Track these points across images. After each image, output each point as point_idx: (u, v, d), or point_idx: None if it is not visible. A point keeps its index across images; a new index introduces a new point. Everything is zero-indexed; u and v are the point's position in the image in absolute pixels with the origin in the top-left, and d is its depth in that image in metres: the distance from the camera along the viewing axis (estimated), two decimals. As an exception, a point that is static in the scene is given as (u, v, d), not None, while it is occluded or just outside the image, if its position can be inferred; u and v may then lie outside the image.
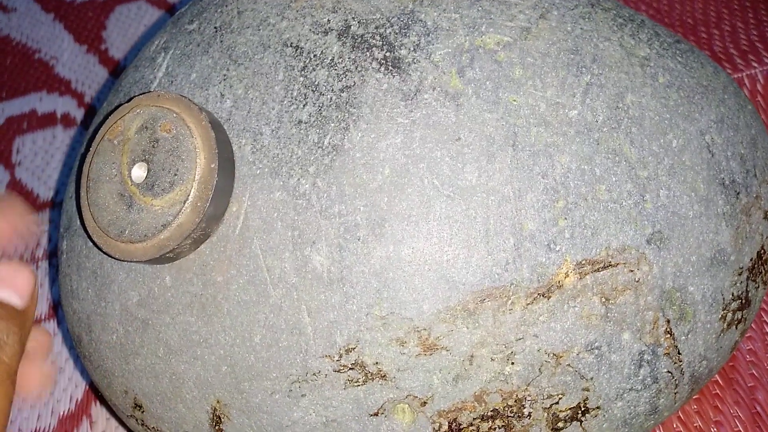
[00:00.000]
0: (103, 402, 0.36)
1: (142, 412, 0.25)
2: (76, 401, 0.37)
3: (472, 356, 0.21)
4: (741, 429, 0.31)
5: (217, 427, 0.23)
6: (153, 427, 0.25)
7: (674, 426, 0.31)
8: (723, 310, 0.24)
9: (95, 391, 0.37)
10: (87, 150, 0.24)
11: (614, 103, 0.23)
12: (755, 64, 0.42)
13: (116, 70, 0.51)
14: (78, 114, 0.49)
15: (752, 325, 0.34)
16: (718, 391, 0.32)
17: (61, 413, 0.37)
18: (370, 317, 0.21)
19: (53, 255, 0.42)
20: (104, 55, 0.52)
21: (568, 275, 0.21)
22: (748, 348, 0.33)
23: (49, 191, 0.46)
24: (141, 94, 0.23)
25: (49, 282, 0.41)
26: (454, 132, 0.21)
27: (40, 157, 0.48)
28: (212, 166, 0.21)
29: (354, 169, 0.21)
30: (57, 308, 0.40)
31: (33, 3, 0.57)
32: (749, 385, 0.32)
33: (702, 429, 0.31)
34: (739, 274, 0.24)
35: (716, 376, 0.32)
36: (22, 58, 0.54)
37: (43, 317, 0.40)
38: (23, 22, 0.56)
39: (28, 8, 0.57)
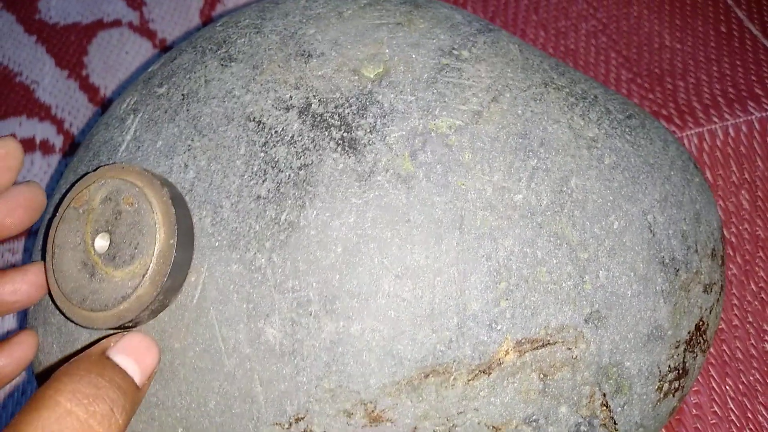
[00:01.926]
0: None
1: (102, 464, 0.26)
2: None
3: (415, 428, 0.22)
4: (682, 482, 0.32)
5: (172, 485, 0.24)
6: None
7: (620, 477, 0.33)
8: (660, 382, 0.25)
9: None
10: (54, 214, 0.25)
11: (558, 186, 0.24)
12: (716, 120, 0.44)
13: (96, 97, 0.52)
14: (57, 141, 0.50)
15: (699, 378, 0.35)
16: (663, 444, 0.33)
17: None
18: (319, 389, 0.22)
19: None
20: (85, 81, 0.53)
21: (508, 353, 0.22)
22: (694, 402, 0.35)
23: (24, 219, 0.46)
24: (106, 165, 0.23)
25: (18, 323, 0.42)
26: (404, 214, 0.22)
27: (17, 183, 0.48)
28: (171, 241, 0.22)
29: (308, 246, 0.22)
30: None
31: (16, 24, 0.58)
32: (693, 438, 0.33)
33: (646, 481, 0.32)
34: (676, 347, 0.26)
35: (662, 430, 0.34)
36: (2, 81, 0.54)
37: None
38: (5, 44, 0.57)
39: (11, 29, 0.58)
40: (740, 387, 0.35)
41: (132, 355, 0.20)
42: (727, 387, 0.35)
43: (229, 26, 0.28)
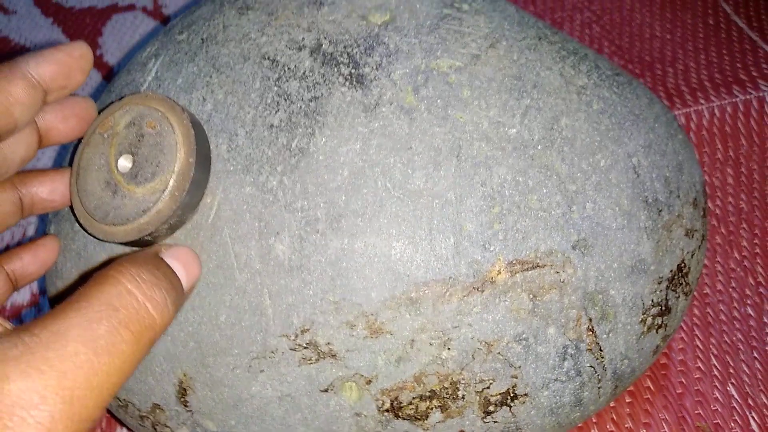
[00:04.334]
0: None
1: (114, 384, 0.27)
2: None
3: (413, 340, 0.24)
4: (666, 430, 0.33)
5: (182, 399, 0.26)
6: (124, 399, 0.27)
7: (608, 427, 0.34)
8: (643, 314, 0.27)
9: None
10: (79, 142, 0.26)
11: (549, 124, 0.26)
12: (702, 101, 0.46)
13: (109, 74, 0.54)
14: (70, 114, 0.52)
15: (683, 336, 0.37)
16: (649, 396, 0.35)
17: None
18: (324, 302, 0.24)
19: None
20: (99, 60, 0.55)
21: (500, 272, 0.24)
22: (679, 359, 0.36)
23: (37, 185, 0.48)
24: (132, 94, 0.25)
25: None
26: (407, 142, 0.24)
27: (31, 163, 0.50)
28: (190, 160, 0.23)
29: (317, 170, 0.24)
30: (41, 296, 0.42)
31: (33, 7, 0.60)
32: (678, 392, 0.35)
33: (633, 429, 0.34)
34: (659, 283, 0.27)
35: (648, 382, 0.35)
36: (18, 59, 0.56)
37: (25, 304, 0.42)
38: (23, 25, 0.59)
39: (29, 11, 0.60)
40: (723, 346, 0.36)
41: (181, 262, 0.21)
42: (711, 346, 0.36)
43: (246, -18, 0.30)
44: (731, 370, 0.35)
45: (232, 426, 0.26)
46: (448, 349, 0.24)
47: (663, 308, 0.28)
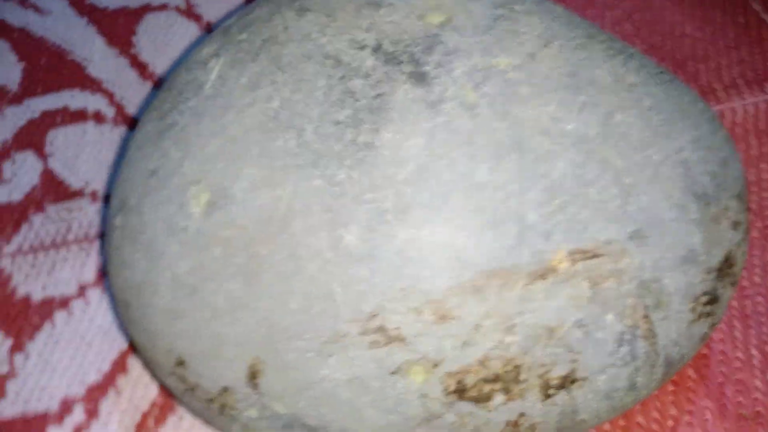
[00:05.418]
0: (147, 366, 0.39)
1: (185, 368, 0.28)
2: (104, 373, 0.40)
3: (478, 326, 0.25)
4: (710, 418, 0.34)
5: (253, 382, 0.27)
6: (193, 383, 0.29)
7: (652, 415, 0.35)
8: (693, 303, 0.28)
9: (134, 350, 0.40)
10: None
11: (604, 119, 0.27)
12: (735, 99, 0.47)
13: (145, 72, 0.55)
14: (109, 112, 0.53)
15: (722, 327, 0.38)
16: (691, 385, 0.36)
17: (90, 383, 0.40)
18: (392, 289, 0.25)
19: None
20: (134, 59, 0.56)
21: (561, 261, 0.25)
22: (719, 349, 0.37)
23: (79, 181, 0.49)
24: None
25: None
26: (469, 137, 0.25)
27: (72, 149, 0.51)
28: None
29: (383, 164, 0.25)
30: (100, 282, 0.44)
31: (68, 7, 0.61)
32: (719, 381, 0.36)
33: (677, 416, 0.35)
34: (708, 273, 0.28)
35: (691, 371, 0.36)
36: (55, 58, 0.57)
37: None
38: (58, 24, 0.60)
39: (63, 12, 0.61)
40: (762, 336, 0.37)
41: None
42: (750, 336, 0.37)
43: (302, -17, 0.31)
44: (769, 359, 0.36)
45: (300, 408, 0.27)
46: (512, 334, 0.25)
47: (711, 297, 0.29)
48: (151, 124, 0.30)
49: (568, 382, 0.26)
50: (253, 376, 0.27)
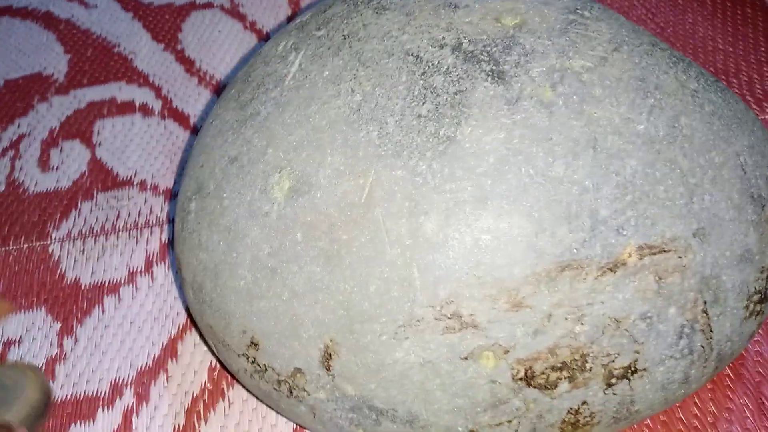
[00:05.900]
0: (215, 348, 0.40)
1: (257, 350, 0.29)
2: (154, 357, 0.41)
3: (550, 315, 0.26)
4: (748, 415, 0.36)
5: (326, 363, 0.28)
6: (264, 364, 0.30)
7: (691, 411, 0.36)
8: (747, 300, 0.29)
9: (200, 332, 0.41)
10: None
11: (671, 122, 0.28)
12: (767, 111, 0.48)
13: (191, 68, 0.56)
14: (156, 105, 0.54)
15: (760, 330, 0.39)
16: (729, 383, 0.37)
17: (140, 367, 0.41)
18: (469, 276, 0.26)
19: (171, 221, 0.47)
20: (181, 54, 0.57)
21: (630, 255, 0.26)
22: (755, 350, 0.38)
23: (128, 171, 0.50)
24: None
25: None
26: (547, 133, 0.27)
27: (120, 140, 0.52)
28: None
29: (464, 156, 0.26)
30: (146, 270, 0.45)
31: (112, 1, 0.63)
32: (756, 380, 0.37)
33: (716, 414, 0.36)
34: (761, 272, 0.30)
35: (728, 370, 0.37)
36: (102, 51, 0.59)
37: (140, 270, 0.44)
38: (103, 18, 0.61)
39: (108, 6, 0.62)
40: (796, 340, 0.38)
41: None
42: (784, 339, 0.39)
43: (376, -16, 0.33)
44: (805, 362, 0.38)
45: (371, 390, 0.28)
46: (582, 324, 0.26)
47: (763, 296, 0.30)
48: (230, 114, 0.31)
49: (629, 372, 0.27)
50: (327, 357, 0.28)
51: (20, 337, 0.42)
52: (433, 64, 0.28)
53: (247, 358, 0.30)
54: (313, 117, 0.28)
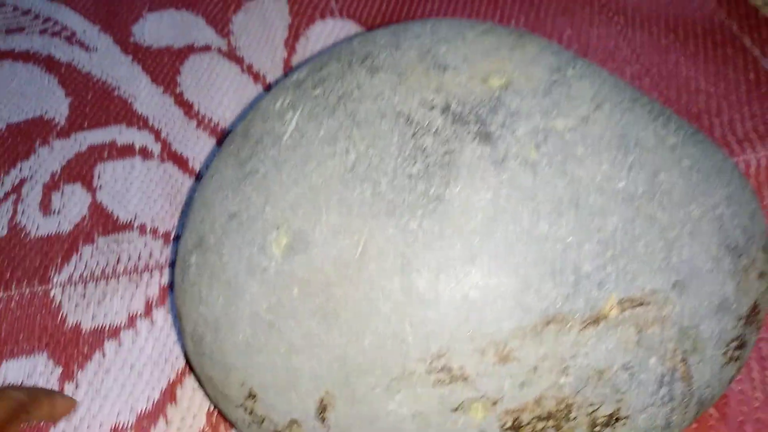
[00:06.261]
0: (214, 398, 0.41)
1: (255, 401, 0.30)
2: (153, 401, 0.42)
3: (536, 367, 0.27)
4: (733, 455, 0.37)
5: (321, 415, 0.29)
6: (261, 415, 0.31)
7: (677, 450, 0.37)
8: (725, 348, 0.30)
9: (199, 381, 0.42)
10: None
11: (651, 178, 0.29)
12: (749, 151, 0.50)
13: (190, 112, 0.58)
14: (155, 148, 0.55)
15: (743, 369, 0.40)
16: (713, 423, 0.38)
17: (139, 411, 0.41)
18: (459, 331, 0.27)
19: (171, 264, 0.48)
20: (179, 97, 0.59)
21: (612, 308, 0.27)
22: (738, 389, 0.39)
23: (128, 215, 0.51)
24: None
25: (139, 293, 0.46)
26: (532, 192, 0.28)
27: (120, 183, 0.54)
28: None
29: (453, 215, 0.28)
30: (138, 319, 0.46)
31: (113, 45, 0.64)
32: (739, 419, 0.38)
33: (700, 453, 0.37)
34: (738, 320, 0.31)
35: (712, 410, 0.38)
36: (102, 94, 0.60)
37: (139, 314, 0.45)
38: (104, 62, 0.63)
39: (108, 49, 0.64)
40: (779, 378, 0.40)
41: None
42: (766, 377, 0.40)
43: (368, 44, 0.34)
44: (788, 401, 0.39)
45: (366, 440, 0.29)
46: (566, 375, 0.27)
47: (741, 342, 0.31)
48: (230, 170, 0.33)
49: (612, 420, 0.29)
50: (322, 409, 0.29)
51: (21, 383, 0.43)
52: (423, 125, 0.30)
53: (245, 409, 0.31)
54: (310, 176, 0.30)
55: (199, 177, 0.54)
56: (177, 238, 0.50)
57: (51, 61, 0.63)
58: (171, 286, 0.47)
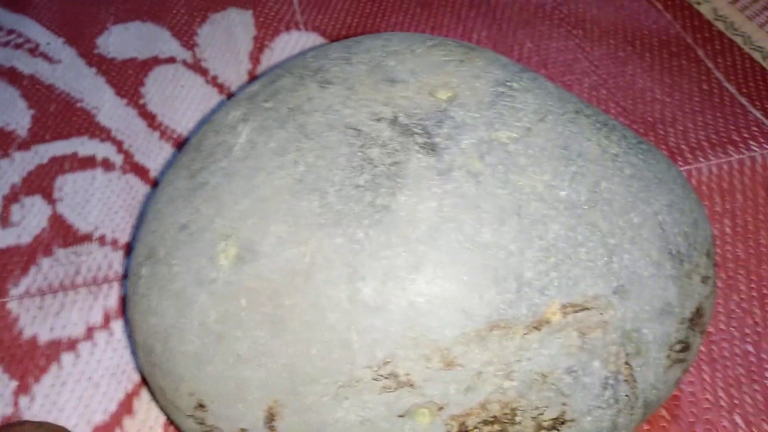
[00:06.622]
0: (164, 408, 0.41)
1: (204, 411, 0.30)
2: (110, 413, 0.42)
3: (480, 372, 0.28)
4: (682, 456, 0.37)
5: (270, 424, 0.29)
6: (211, 425, 0.31)
7: (629, 453, 0.38)
8: (669, 350, 0.31)
9: (151, 392, 0.42)
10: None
11: (592, 187, 0.30)
12: (701, 159, 0.51)
13: (153, 123, 0.58)
14: (117, 159, 0.55)
15: (692, 371, 0.41)
16: (665, 424, 0.39)
17: (96, 423, 0.41)
18: (404, 338, 0.28)
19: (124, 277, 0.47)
20: (143, 108, 0.59)
21: (555, 314, 0.28)
22: (689, 390, 0.40)
23: (88, 226, 0.51)
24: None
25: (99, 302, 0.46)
26: (475, 201, 0.29)
27: (80, 195, 0.53)
28: None
29: (398, 224, 0.28)
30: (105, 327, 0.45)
31: (77, 57, 0.64)
32: (690, 420, 0.39)
33: (651, 455, 0.38)
34: (681, 323, 0.32)
35: (664, 411, 0.39)
36: (65, 106, 0.60)
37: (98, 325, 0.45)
38: (67, 74, 0.63)
39: (72, 61, 0.64)
40: (728, 380, 0.41)
41: None
42: (717, 379, 0.41)
43: (321, 58, 0.35)
44: (736, 401, 0.40)
45: (316, 448, 0.29)
46: (510, 380, 0.28)
47: (684, 345, 0.32)
48: (181, 182, 0.33)
49: (558, 423, 0.29)
50: (270, 418, 0.29)
51: (-23, 397, 0.42)
52: (371, 137, 0.30)
53: (195, 419, 0.31)
54: (259, 187, 0.30)
55: (161, 188, 0.54)
56: (138, 249, 0.50)
57: (14, 73, 0.63)
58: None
